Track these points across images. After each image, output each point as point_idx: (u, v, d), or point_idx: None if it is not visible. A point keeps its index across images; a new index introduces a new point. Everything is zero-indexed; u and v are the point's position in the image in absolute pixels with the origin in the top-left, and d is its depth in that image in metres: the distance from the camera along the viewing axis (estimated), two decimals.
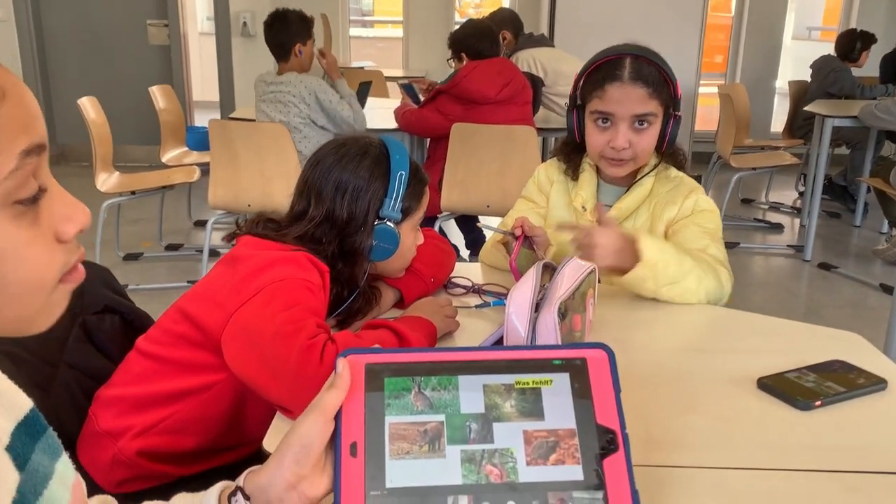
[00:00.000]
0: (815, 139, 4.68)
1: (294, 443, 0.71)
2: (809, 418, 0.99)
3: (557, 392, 0.79)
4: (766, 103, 7.06)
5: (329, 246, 1.23)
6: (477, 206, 3.18)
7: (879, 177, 4.15)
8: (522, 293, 1.07)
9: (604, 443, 0.77)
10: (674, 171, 1.60)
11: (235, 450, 1.22)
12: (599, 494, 0.74)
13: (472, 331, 1.26)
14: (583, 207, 1.61)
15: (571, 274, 1.13)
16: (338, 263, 1.23)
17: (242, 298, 1.10)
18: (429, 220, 3.34)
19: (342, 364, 0.76)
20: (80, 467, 1.17)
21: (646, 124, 1.49)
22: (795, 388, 1.04)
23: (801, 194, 5.58)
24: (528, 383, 0.79)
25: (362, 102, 3.52)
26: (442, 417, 0.77)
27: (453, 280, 1.44)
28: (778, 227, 5.07)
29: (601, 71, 1.51)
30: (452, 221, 3.76)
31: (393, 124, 3.56)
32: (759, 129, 6.45)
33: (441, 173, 3.22)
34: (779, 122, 6.72)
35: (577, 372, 0.80)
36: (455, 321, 1.27)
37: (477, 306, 1.37)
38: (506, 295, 1.16)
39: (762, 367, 1.10)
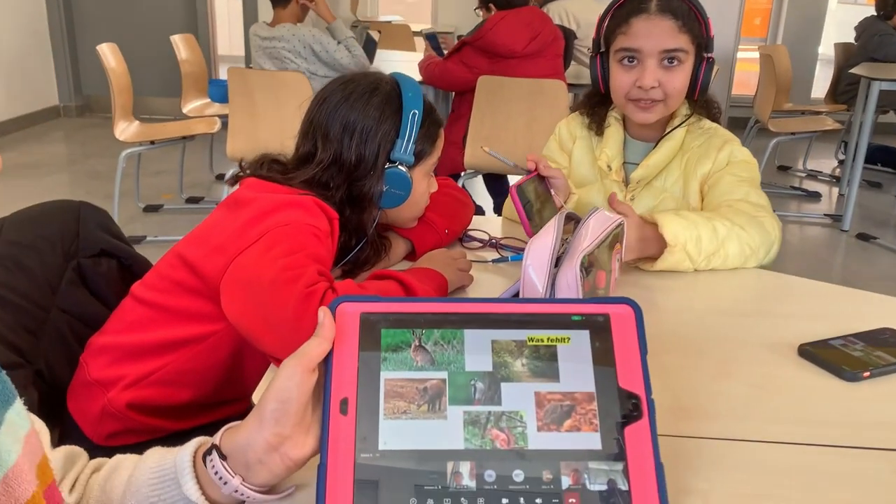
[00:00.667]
0: (860, 103, 4.47)
1: (271, 398, 0.64)
2: (856, 390, 0.89)
3: (575, 351, 0.70)
4: (808, 69, 6.78)
5: (337, 191, 1.15)
6: (502, 163, 3.07)
7: None
8: (542, 244, 0.98)
9: (626, 409, 0.68)
10: (707, 123, 1.48)
11: (232, 405, 1.16)
12: (619, 466, 0.66)
13: (487, 287, 1.18)
14: (608, 167, 1.49)
15: (597, 226, 1.03)
16: (346, 210, 1.15)
17: (244, 243, 1.02)
18: (452, 179, 3.24)
19: (323, 313, 0.68)
20: (69, 418, 1.12)
21: (676, 62, 1.36)
22: (841, 357, 0.94)
23: (841, 163, 5.37)
24: (542, 340, 0.71)
25: (370, 58, 3.41)
26: (444, 375, 0.68)
27: (470, 233, 1.35)
28: (815, 196, 4.88)
29: (626, 6, 1.39)
30: (480, 182, 3.65)
31: (417, 77, 3.45)
32: (800, 95, 6.21)
33: (465, 129, 3.11)
34: (819, 89, 6.46)
35: (599, 330, 0.71)
36: (469, 275, 1.19)
37: (493, 261, 1.28)
38: (524, 249, 1.07)
39: (803, 333, 1.01)
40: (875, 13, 5.26)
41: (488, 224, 1.44)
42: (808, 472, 0.74)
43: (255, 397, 0.87)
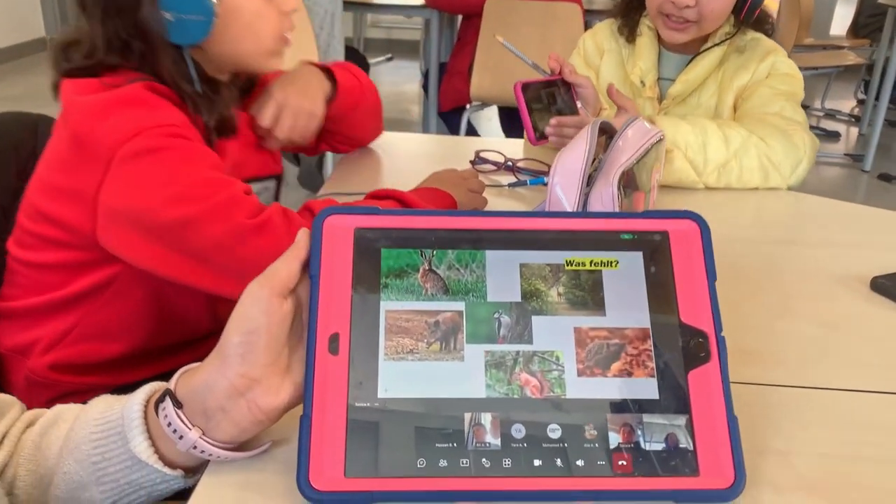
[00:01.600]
0: (885, 36, 4.25)
1: (234, 330, 0.50)
2: None
3: (626, 277, 0.56)
4: (827, 5, 6.49)
5: (142, 57, 0.86)
6: (511, 94, 2.88)
7: None
8: (573, 158, 0.83)
9: (691, 349, 0.54)
10: (750, 33, 1.31)
11: (203, 344, 1.01)
12: (682, 420, 0.52)
13: None
14: (641, 82, 1.33)
15: (636, 138, 0.88)
16: (159, 70, 0.87)
17: (95, 178, 0.81)
18: (456, 112, 3.06)
19: (302, 233, 0.54)
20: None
21: None
22: None
23: (861, 102, 5.16)
24: (584, 264, 0.56)
25: None
26: (461, 306, 0.54)
27: (481, 155, 1.19)
28: (834, 136, 4.69)
29: None
30: (494, 122, 3.44)
31: (419, 0, 3.23)
32: (818, 31, 5.94)
33: (471, 57, 2.91)
34: (838, 26, 6.20)
35: (656, 251, 0.57)
36: (482, 198, 1.03)
37: (510, 185, 1.13)
38: (547, 172, 0.92)
39: (874, 264, 0.86)
40: None
41: (505, 146, 1.28)
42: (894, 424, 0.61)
43: None
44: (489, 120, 3.43)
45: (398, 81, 5.55)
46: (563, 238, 0.57)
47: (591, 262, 0.56)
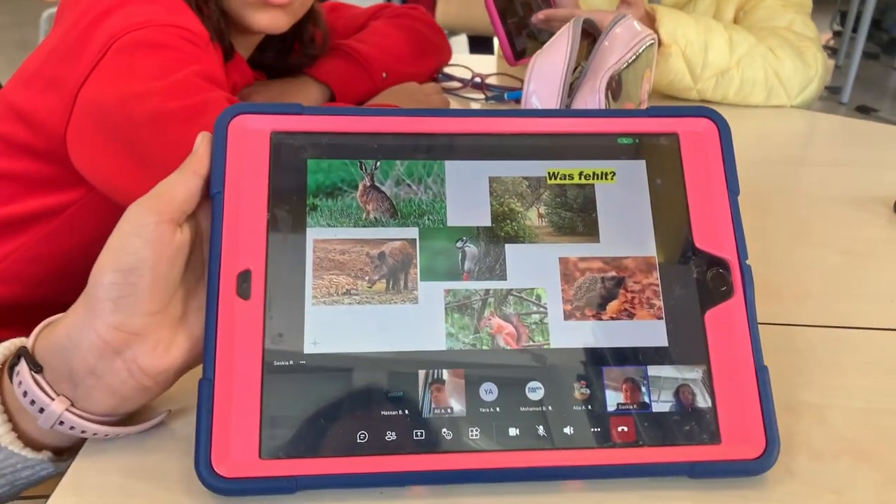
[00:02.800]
0: None
1: (106, 266, 0.37)
2: None
3: (625, 193, 0.44)
4: None
5: None
6: (482, 20, 2.70)
7: None
8: (552, 62, 0.70)
9: (708, 282, 0.42)
10: None
11: None
12: (698, 372, 0.41)
13: None
14: None
15: (626, 39, 0.75)
16: None
17: (84, 66, 0.70)
18: None
19: (202, 138, 0.41)
20: None
21: None
22: None
23: (836, 34, 5.05)
24: (571, 177, 0.44)
25: None
26: (413, 233, 0.42)
27: (446, 72, 1.05)
28: None
29: None
30: (465, 53, 3.26)
31: None
32: None
33: None
34: None
35: (662, 158, 0.44)
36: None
37: (488, 98, 0.99)
38: (521, 88, 0.79)
39: (892, 184, 0.75)
40: None
41: (473, 61, 1.14)
42: None
43: None
44: (459, 53, 3.27)
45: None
46: (545, 144, 0.44)
47: (580, 175, 0.44)
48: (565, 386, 0.40)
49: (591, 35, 0.79)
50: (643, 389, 0.40)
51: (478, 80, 1.02)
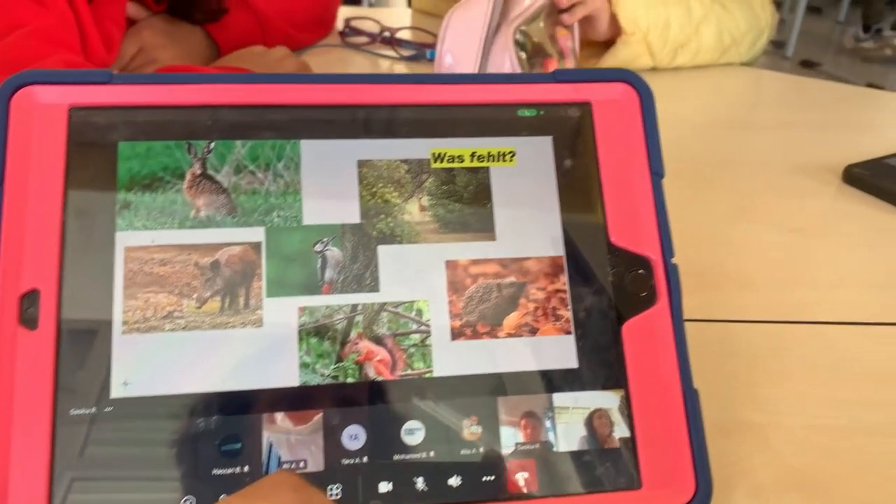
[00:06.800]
0: None
1: None
2: None
3: (527, 177, 0.35)
4: None
5: None
6: None
7: None
8: (470, 17, 0.60)
9: (626, 286, 0.34)
10: None
11: None
12: (614, 399, 0.33)
13: None
14: None
15: None
16: None
17: None
18: None
19: None
20: None
21: None
22: None
23: None
24: (461, 158, 0.35)
25: None
26: (258, 234, 0.33)
27: (352, 25, 0.94)
28: None
29: None
30: None
31: None
32: None
33: None
34: None
35: (572, 134, 0.36)
36: None
37: (408, 58, 0.89)
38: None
39: (847, 150, 0.69)
40: None
41: (382, 13, 1.03)
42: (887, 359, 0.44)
43: None
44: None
45: None
46: (429, 117, 0.35)
47: (472, 156, 0.35)
48: (452, 425, 0.32)
49: None
50: (547, 424, 0.32)
51: (386, 34, 0.91)
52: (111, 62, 0.70)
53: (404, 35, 0.90)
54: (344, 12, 0.98)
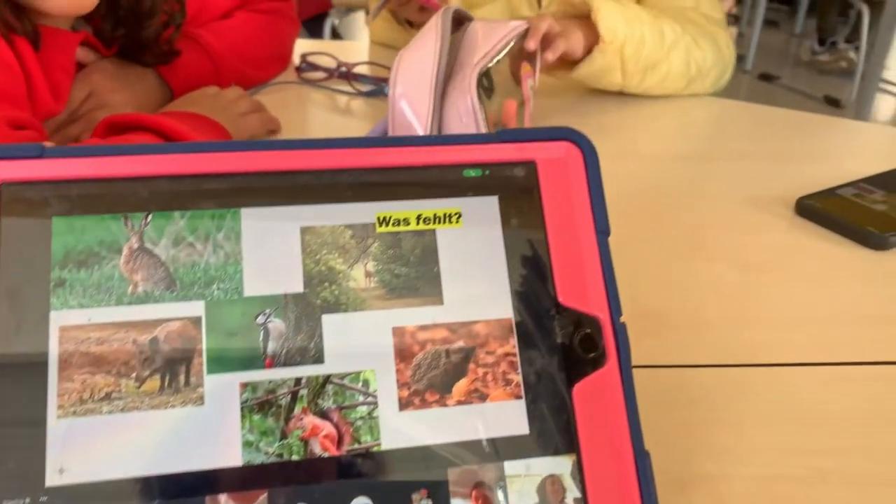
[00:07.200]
0: None
1: None
2: (886, 260, 0.59)
3: (473, 239, 0.35)
4: None
5: None
6: None
7: None
8: (419, 59, 0.60)
9: (576, 348, 0.34)
10: None
11: None
12: (566, 463, 0.33)
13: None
14: None
15: (493, 27, 0.66)
16: None
17: None
18: (318, 20, 2.73)
19: None
20: None
21: None
22: (859, 213, 0.64)
23: (740, 1, 5.13)
24: (407, 221, 0.35)
25: None
26: (198, 308, 0.32)
27: (309, 60, 0.94)
28: None
29: None
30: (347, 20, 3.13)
31: None
32: None
33: None
34: None
35: (518, 193, 0.36)
36: (263, 116, 0.77)
37: (366, 94, 0.88)
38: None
39: (799, 180, 0.70)
40: None
41: (338, 48, 1.03)
42: (841, 394, 0.44)
43: None
44: (362, 29, 3.13)
45: None
46: (373, 180, 0.35)
47: (418, 218, 0.35)
48: (401, 499, 0.31)
49: (464, 18, 0.70)
50: (500, 494, 0.32)
51: (343, 69, 0.91)
52: (60, 111, 0.69)
53: (362, 70, 0.90)
54: (300, 47, 0.98)
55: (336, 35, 2.78)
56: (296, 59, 0.95)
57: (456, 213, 0.35)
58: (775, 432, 0.41)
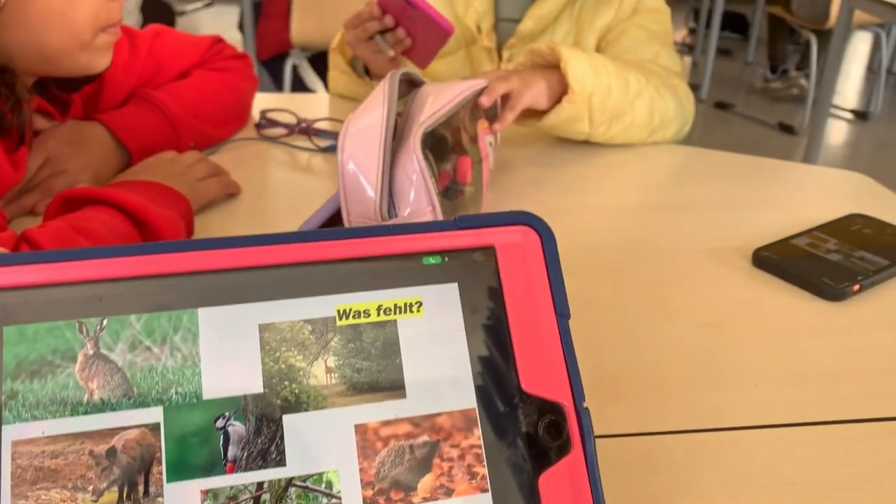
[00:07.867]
0: None
1: None
2: (844, 313, 0.61)
3: (435, 327, 0.35)
4: None
5: None
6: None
7: (780, 4, 3.84)
8: (366, 124, 0.60)
9: (541, 436, 0.34)
10: None
11: None
12: None
13: (296, 205, 0.77)
14: (477, 28, 1.11)
15: (447, 89, 0.67)
16: None
17: None
18: (278, 60, 2.73)
19: None
20: None
21: None
22: (813, 264, 0.65)
23: (692, 31, 5.26)
24: (367, 313, 0.35)
25: None
26: (156, 414, 0.32)
27: (268, 117, 0.94)
28: None
29: None
30: (307, 63, 3.12)
31: None
32: None
33: None
34: None
35: (478, 278, 0.36)
36: (223, 181, 0.77)
37: (325, 149, 0.88)
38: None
39: (756, 229, 0.71)
40: None
41: (297, 102, 1.03)
42: (810, 458, 0.45)
43: None
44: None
45: (221, 29, 5.05)
46: (331, 273, 0.35)
47: (379, 309, 0.35)
48: None
49: (415, 83, 0.70)
50: None
51: (303, 125, 0.91)
52: (19, 181, 0.68)
53: (322, 125, 0.90)
54: (260, 102, 0.98)
55: (296, 75, 2.78)
56: (255, 116, 0.95)
57: (417, 302, 0.35)
58: (735, 501, 0.42)
